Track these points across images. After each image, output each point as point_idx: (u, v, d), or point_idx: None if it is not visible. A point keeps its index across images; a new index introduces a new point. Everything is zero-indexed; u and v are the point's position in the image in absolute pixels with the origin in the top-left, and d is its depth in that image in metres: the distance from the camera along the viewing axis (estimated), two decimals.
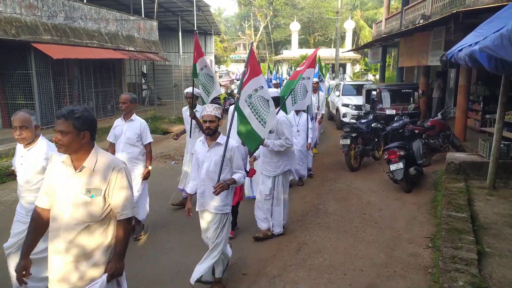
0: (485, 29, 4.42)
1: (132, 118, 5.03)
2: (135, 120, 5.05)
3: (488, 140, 6.90)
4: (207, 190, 3.70)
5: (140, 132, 5.02)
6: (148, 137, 5.07)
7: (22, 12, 11.05)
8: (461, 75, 9.53)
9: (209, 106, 3.64)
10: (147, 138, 5.06)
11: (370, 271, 4.17)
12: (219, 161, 3.60)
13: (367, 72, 33.83)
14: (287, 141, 4.74)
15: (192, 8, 22.59)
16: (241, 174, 3.70)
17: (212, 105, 3.65)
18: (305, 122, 6.95)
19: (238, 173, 3.69)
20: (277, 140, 4.78)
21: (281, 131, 4.73)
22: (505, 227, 4.83)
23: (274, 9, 45.95)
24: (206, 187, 3.70)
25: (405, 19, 14.71)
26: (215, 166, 3.66)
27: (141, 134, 5.02)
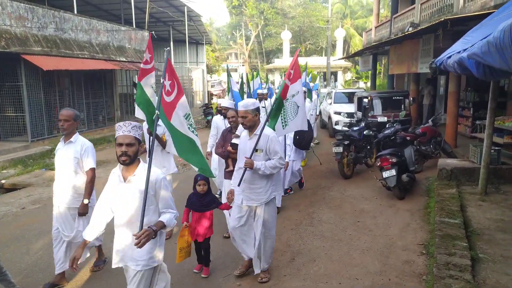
0: (472, 36, 4.48)
1: (72, 139, 4.11)
2: (75, 142, 4.10)
3: (478, 146, 6.96)
4: (125, 240, 2.90)
5: (80, 156, 4.07)
6: (89, 162, 4.08)
7: (12, 24, 11.00)
8: (450, 81, 9.64)
9: (125, 125, 2.84)
10: (88, 163, 4.08)
11: (365, 279, 4.15)
12: (140, 199, 2.80)
13: (358, 80, 34.15)
14: (280, 161, 4.10)
15: (183, 18, 22.71)
16: (171, 214, 2.92)
17: (130, 123, 2.85)
18: (282, 139, 6.05)
19: (167, 214, 2.90)
20: (268, 160, 4.07)
21: (272, 149, 4.07)
22: (497, 232, 4.85)
23: (265, 19, 46.28)
24: (124, 236, 2.90)
25: (394, 27, 14.90)
26: (133, 207, 2.85)
27: (81, 158, 4.08)
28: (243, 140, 4.26)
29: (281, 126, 4.65)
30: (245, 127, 4.12)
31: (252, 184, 4.11)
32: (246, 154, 4.06)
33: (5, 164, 9.87)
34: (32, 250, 5.16)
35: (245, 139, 4.21)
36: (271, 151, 4.07)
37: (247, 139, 4.17)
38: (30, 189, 8.21)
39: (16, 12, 11.16)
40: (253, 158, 4.02)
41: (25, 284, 4.26)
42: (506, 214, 5.43)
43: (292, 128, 4.78)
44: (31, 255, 5.01)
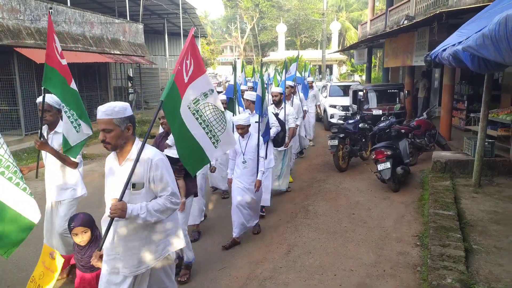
0: (467, 29, 4.50)
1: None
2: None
3: (472, 139, 7.01)
4: None
5: None
6: None
7: (4, 16, 10.86)
8: (445, 74, 9.67)
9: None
10: None
11: (359, 270, 4.19)
12: None
13: (354, 73, 34.12)
14: (172, 198, 2.69)
15: (178, 10, 22.53)
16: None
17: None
18: (255, 148, 5.00)
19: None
20: (153, 200, 2.68)
21: (159, 178, 2.65)
22: (491, 224, 4.91)
23: (261, 11, 46.04)
24: None
25: (389, 20, 14.89)
26: None
27: None
28: (111, 168, 2.78)
29: (211, 144, 3.10)
30: (108, 147, 2.63)
31: (128, 241, 2.69)
32: (115, 191, 2.63)
33: None
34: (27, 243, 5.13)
35: (114, 167, 2.74)
36: (157, 184, 2.66)
37: (117, 166, 2.71)
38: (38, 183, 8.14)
39: (8, 4, 11.02)
40: (126, 198, 2.58)
41: (21, 278, 4.25)
42: (499, 206, 5.49)
43: (225, 146, 3.24)
44: (27, 247, 4.99)
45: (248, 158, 4.99)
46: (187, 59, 2.83)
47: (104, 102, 5.70)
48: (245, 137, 5.00)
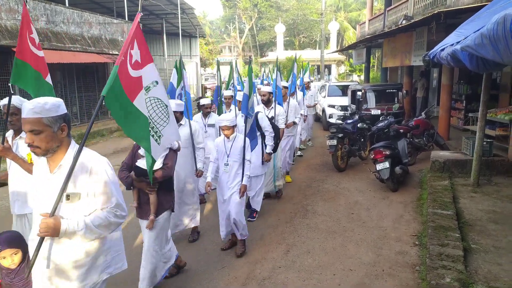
0: (466, 29, 4.50)
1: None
2: None
3: (471, 138, 7.02)
4: None
5: None
6: None
7: (2, 16, 10.84)
8: (443, 74, 9.69)
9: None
10: None
11: (358, 270, 4.19)
12: None
13: (352, 73, 34.15)
14: (117, 210, 2.33)
15: (176, 10, 22.52)
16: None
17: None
18: (241, 151, 4.67)
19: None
20: (94, 213, 2.28)
21: (101, 187, 2.28)
22: (489, 223, 4.91)
23: (259, 11, 46.05)
24: None
25: (388, 20, 14.91)
26: None
27: None
28: (39, 176, 2.35)
29: (155, 141, 2.79)
30: (37, 152, 2.20)
31: (63, 261, 2.28)
32: (45, 204, 2.24)
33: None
34: None
35: (44, 176, 2.31)
36: (98, 194, 2.27)
37: (48, 174, 2.29)
38: None
39: (6, 4, 11.00)
40: (60, 211, 2.21)
41: None
42: (497, 205, 5.50)
43: (167, 141, 2.95)
44: None
45: (232, 161, 4.66)
46: (132, 49, 2.54)
47: None
48: (230, 138, 4.70)
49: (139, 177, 3.55)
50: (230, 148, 4.69)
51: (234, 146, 4.70)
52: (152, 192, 3.61)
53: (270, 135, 5.59)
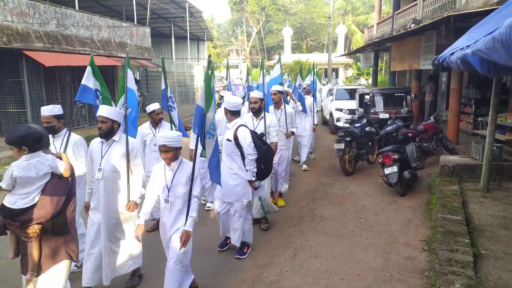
0: (476, 33, 4.47)
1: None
2: None
3: (480, 143, 6.95)
4: None
5: None
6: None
7: (14, 20, 10.99)
8: (452, 78, 9.62)
9: None
10: None
11: (366, 275, 4.16)
12: None
13: (360, 77, 34.05)
14: None
15: (184, 14, 22.67)
16: None
17: None
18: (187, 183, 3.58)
19: None
20: None
21: None
22: (499, 229, 4.86)
23: (267, 15, 46.18)
24: None
25: (396, 23, 14.85)
26: None
27: None
28: None
29: None
30: None
31: None
32: None
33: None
34: None
35: None
36: None
37: None
38: None
39: (17, 8, 11.15)
40: None
41: None
42: (508, 211, 5.44)
43: None
44: None
45: (174, 196, 3.53)
46: None
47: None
48: (172, 165, 3.51)
49: (5, 219, 2.54)
50: (172, 179, 3.52)
51: (177, 177, 3.53)
52: (29, 239, 2.55)
53: (249, 158, 4.39)
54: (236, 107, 4.43)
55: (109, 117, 3.69)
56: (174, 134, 3.44)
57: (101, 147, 3.79)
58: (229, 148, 4.51)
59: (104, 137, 3.76)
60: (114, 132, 3.76)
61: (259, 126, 5.30)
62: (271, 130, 5.35)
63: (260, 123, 5.34)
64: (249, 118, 5.39)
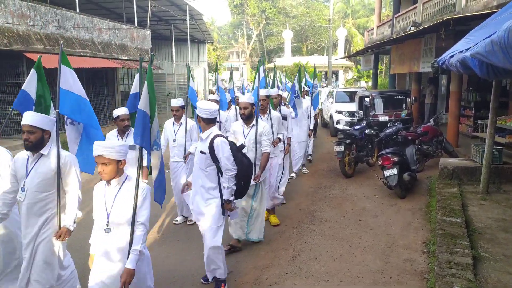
0: (475, 36, 4.49)
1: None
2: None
3: (480, 145, 6.96)
4: None
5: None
6: None
7: (14, 22, 11.02)
8: (452, 81, 9.64)
9: None
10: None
11: (366, 277, 4.16)
12: None
13: (360, 79, 34.09)
14: None
15: (185, 16, 22.71)
16: None
17: None
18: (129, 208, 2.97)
19: None
20: None
21: None
22: (499, 232, 4.86)
23: (267, 18, 46.25)
24: None
25: (396, 26, 14.89)
26: None
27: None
28: None
29: None
30: None
31: None
32: None
33: None
34: None
35: None
36: None
37: None
38: None
39: (18, 10, 11.18)
40: None
41: None
42: (507, 214, 5.44)
43: None
44: None
45: (115, 223, 2.87)
46: None
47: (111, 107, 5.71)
48: (113, 183, 2.88)
49: None
50: (112, 201, 2.88)
51: (121, 198, 2.88)
52: None
53: (228, 174, 3.75)
54: (210, 114, 3.74)
55: (38, 125, 3.11)
56: (116, 143, 2.80)
57: (27, 163, 3.20)
58: (203, 162, 3.80)
59: (30, 150, 3.15)
60: (44, 144, 3.18)
61: (250, 134, 4.78)
62: (263, 138, 4.77)
63: (251, 131, 4.78)
64: (239, 125, 4.89)
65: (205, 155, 3.77)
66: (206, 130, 3.82)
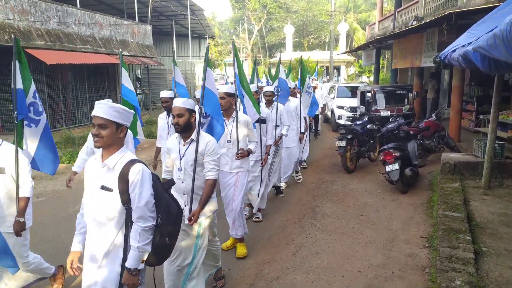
0: (477, 30, 4.46)
1: None
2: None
3: (482, 140, 6.94)
4: None
5: None
6: None
7: (15, 18, 11.00)
8: (454, 76, 9.60)
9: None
10: None
11: (368, 272, 4.17)
12: None
13: (362, 74, 33.99)
14: None
15: (186, 12, 22.64)
16: None
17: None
18: None
19: None
20: None
21: None
22: (501, 226, 4.86)
23: (268, 13, 46.06)
24: None
25: (398, 21, 14.81)
26: None
27: None
28: None
29: None
30: None
31: None
32: None
33: None
34: (36, 242, 5.19)
35: None
36: None
37: None
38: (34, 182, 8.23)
39: (19, 6, 11.15)
40: None
41: None
42: (509, 208, 5.43)
43: None
44: (35, 246, 5.04)
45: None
46: None
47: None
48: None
49: None
50: None
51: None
52: None
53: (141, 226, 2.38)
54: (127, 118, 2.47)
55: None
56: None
57: None
58: (107, 211, 2.39)
59: None
60: None
61: (188, 153, 3.37)
62: (206, 160, 3.37)
63: (190, 148, 3.38)
64: (174, 141, 3.46)
65: (111, 193, 2.38)
66: (113, 151, 2.42)
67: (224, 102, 4.41)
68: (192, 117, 3.32)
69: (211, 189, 3.35)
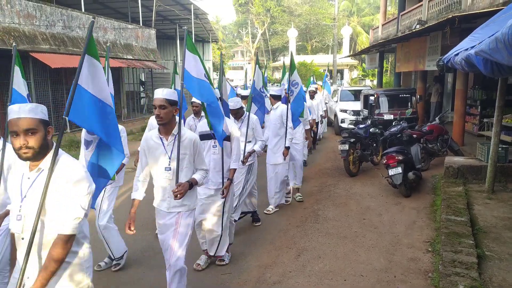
0: (480, 33, 4.46)
1: None
2: None
3: (486, 144, 6.92)
4: None
5: None
6: None
7: (21, 22, 11.10)
8: (458, 79, 9.58)
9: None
10: None
11: (370, 276, 4.16)
12: None
13: (365, 78, 33.96)
14: None
15: (190, 16, 22.76)
16: None
17: None
18: None
19: None
20: None
21: None
22: (504, 231, 4.83)
23: (272, 16, 46.21)
24: None
25: (401, 24, 14.81)
26: None
27: None
28: None
29: None
30: None
31: None
32: None
33: None
34: None
35: None
36: None
37: None
38: None
39: (24, 10, 11.26)
40: None
41: None
42: None
43: None
44: None
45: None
46: None
47: (117, 106, 5.70)
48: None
49: None
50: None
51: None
52: None
53: None
54: None
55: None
56: None
57: None
58: None
59: None
60: None
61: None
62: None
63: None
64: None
65: None
66: None
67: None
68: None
69: None
